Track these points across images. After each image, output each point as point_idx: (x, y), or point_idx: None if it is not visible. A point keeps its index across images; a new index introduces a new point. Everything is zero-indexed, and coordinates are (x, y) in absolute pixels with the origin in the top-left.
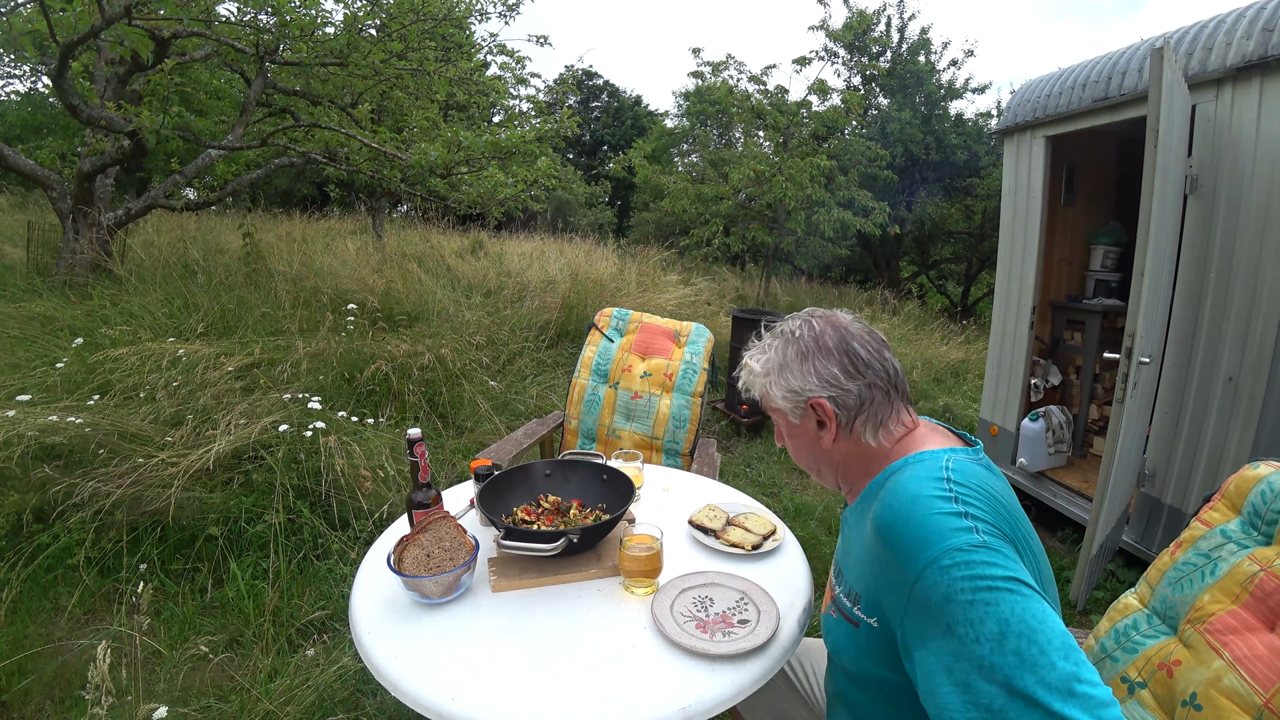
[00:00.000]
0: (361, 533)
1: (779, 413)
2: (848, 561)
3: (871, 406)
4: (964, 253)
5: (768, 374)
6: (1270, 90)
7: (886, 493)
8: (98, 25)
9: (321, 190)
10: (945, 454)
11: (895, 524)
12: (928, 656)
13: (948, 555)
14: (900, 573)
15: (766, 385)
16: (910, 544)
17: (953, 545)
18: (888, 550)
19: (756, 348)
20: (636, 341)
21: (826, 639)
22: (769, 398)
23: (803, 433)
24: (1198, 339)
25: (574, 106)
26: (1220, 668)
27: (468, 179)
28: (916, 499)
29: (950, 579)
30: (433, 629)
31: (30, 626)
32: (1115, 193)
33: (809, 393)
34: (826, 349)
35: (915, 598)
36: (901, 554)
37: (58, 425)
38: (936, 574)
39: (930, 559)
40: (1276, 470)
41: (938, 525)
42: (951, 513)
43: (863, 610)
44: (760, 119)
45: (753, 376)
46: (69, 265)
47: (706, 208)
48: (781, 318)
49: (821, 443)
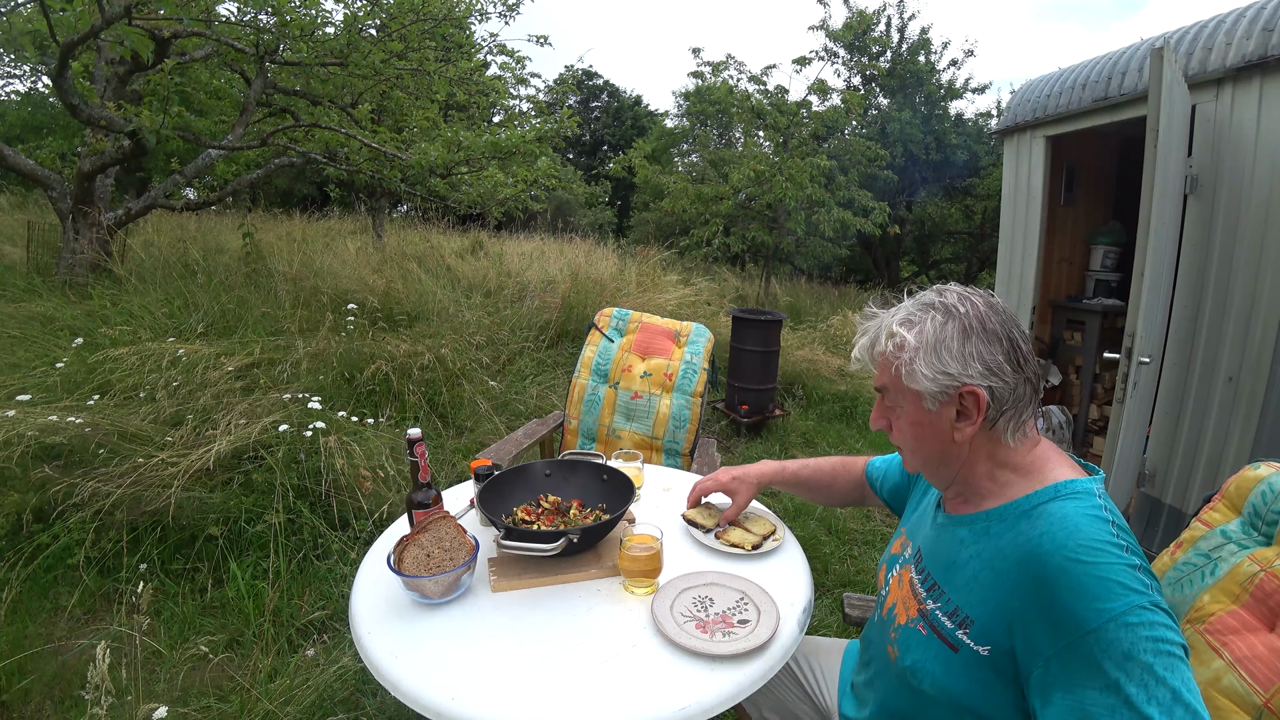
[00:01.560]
0: (361, 533)
1: (911, 395)
2: (953, 579)
3: (1020, 404)
4: (964, 253)
5: (919, 349)
6: (1270, 90)
7: (1050, 525)
8: (98, 25)
9: (321, 190)
10: (1094, 486)
11: (1069, 567)
12: (1071, 703)
13: (1134, 613)
14: (1068, 616)
15: (911, 360)
16: (1091, 591)
17: (1138, 603)
18: (1049, 589)
19: (900, 312)
20: (636, 341)
21: (904, 655)
22: (906, 374)
23: (934, 421)
24: (1198, 339)
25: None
26: (1220, 668)
27: (468, 179)
28: (1095, 544)
29: (1136, 637)
30: (433, 629)
31: (30, 626)
32: (1115, 193)
33: (965, 379)
34: (993, 333)
35: (1083, 646)
36: (1076, 599)
37: (58, 425)
38: (1121, 629)
39: (1117, 613)
40: (1277, 471)
41: (1120, 577)
42: (1130, 565)
43: (971, 636)
44: (760, 119)
45: (896, 346)
46: (69, 265)
47: (706, 208)
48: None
49: (955, 435)
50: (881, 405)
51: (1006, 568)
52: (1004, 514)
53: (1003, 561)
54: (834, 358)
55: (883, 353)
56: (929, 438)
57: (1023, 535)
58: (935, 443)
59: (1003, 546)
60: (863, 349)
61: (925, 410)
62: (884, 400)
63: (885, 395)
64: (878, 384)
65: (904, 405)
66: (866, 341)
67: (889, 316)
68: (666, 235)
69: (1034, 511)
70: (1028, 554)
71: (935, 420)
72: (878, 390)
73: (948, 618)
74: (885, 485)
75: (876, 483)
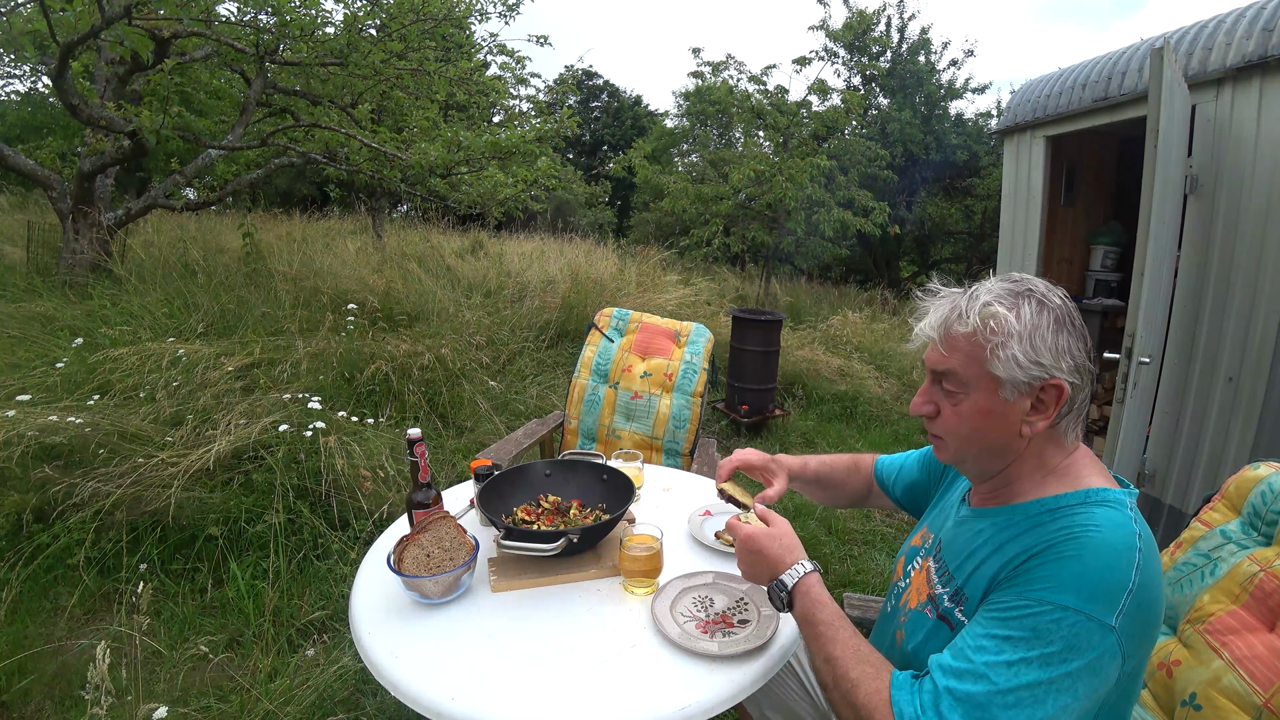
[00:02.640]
0: (361, 533)
1: (989, 380)
2: (963, 566)
3: (1085, 405)
4: (964, 253)
5: (1017, 334)
6: (1270, 90)
7: (1071, 522)
8: (98, 25)
9: (321, 190)
10: (1127, 498)
11: (1073, 552)
12: (965, 634)
13: (1080, 622)
14: (1033, 578)
15: (1004, 344)
16: (1073, 578)
17: (1099, 620)
18: (1038, 559)
19: (986, 293)
20: (636, 341)
21: (909, 638)
22: (997, 359)
23: (1005, 412)
24: (1198, 339)
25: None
26: (1220, 668)
27: (468, 179)
28: (1111, 549)
29: (1062, 627)
30: (433, 629)
31: (30, 626)
32: (1115, 193)
33: (1054, 372)
34: (1080, 330)
35: (1020, 604)
36: (1055, 573)
37: (58, 425)
38: (1061, 617)
39: (1072, 607)
40: (1276, 471)
41: (1108, 589)
42: (1123, 588)
43: (965, 612)
44: (760, 119)
45: (991, 328)
46: (69, 265)
47: (706, 208)
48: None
49: (1024, 429)
50: (934, 389)
51: (1012, 550)
52: (1029, 510)
53: (1012, 546)
54: (834, 358)
55: (967, 333)
56: (993, 428)
57: (1041, 528)
58: (998, 434)
59: (1017, 534)
60: (934, 325)
61: (999, 399)
62: (943, 383)
63: (948, 378)
64: (941, 365)
65: (972, 391)
66: (939, 317)
67: (971, 296)
68: (666, 235)
69: (1060, 511)
70: (1041, 539)
71: (1007, 411)
72: (936, 372)
73: (949, 599)
74: (899, 484)
75: (888, 482)
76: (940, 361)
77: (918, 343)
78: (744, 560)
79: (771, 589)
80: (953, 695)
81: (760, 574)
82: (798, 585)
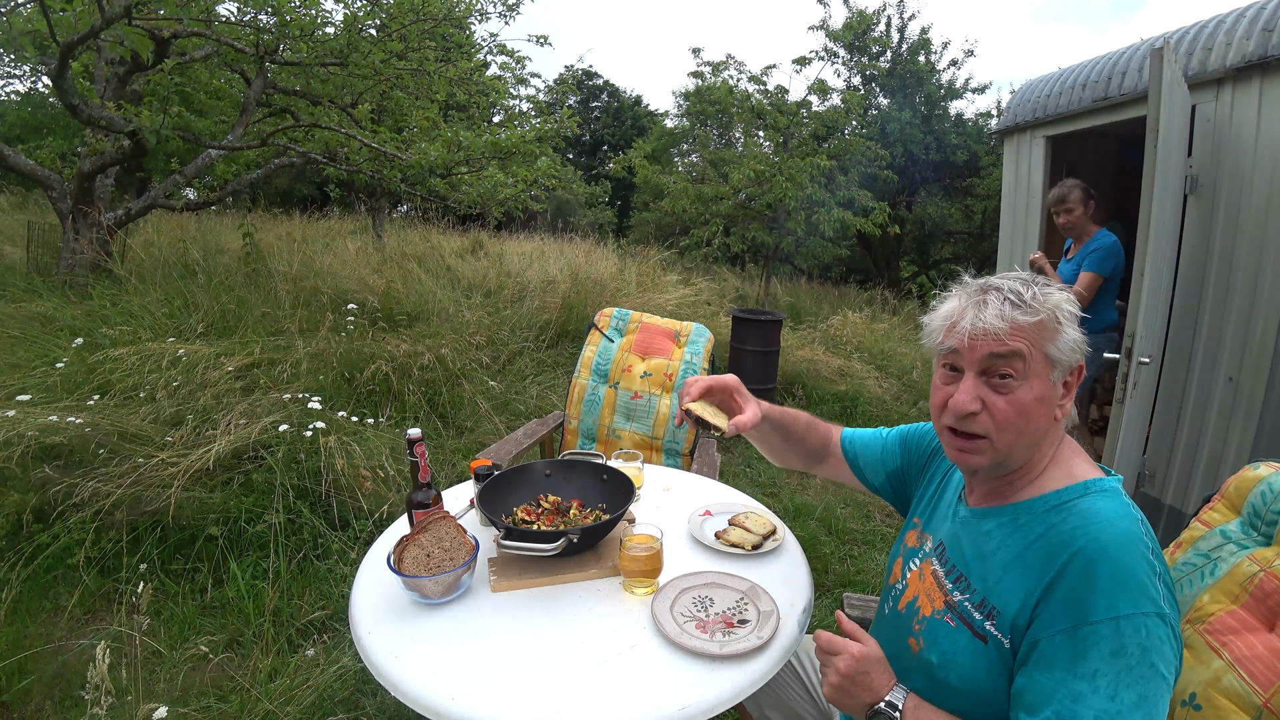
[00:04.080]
0: (361, 533)
1: (1047, 363)
2: (981, 571)
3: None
4: (964, 253)
5: (1072, 315)
6: (1270, 90)
7: (1083, 520)
8: (98, 25)
9: (321, 190)
10: (1119, 485)
11: (1099, 559)
12: (1046, 682)
13: (1142, 621)
14: (1080, 603)
15: (1064, 324)
16: (1111, 585)
17: (1150, 611)
18: (1072, 579)
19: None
20: (636, 341)
21: (930, 647)
22: (1057, 341)
23: (1051, 396)
24: (1198, 339)
25: (574, 106)
26: (1220, 668)
27: (468, 179)
28: (1128, 541)
29: (1130, 640)
30: (433, 629)
31: (30, 626)
32: (1115, 193)
33: (1085, 352)
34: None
35: (1083, 634)
36: (1094, 590)
37: (58, 425)
38: (1123, 627)
39: (1126, 613)
40: (1276, 471)
41: (1141, 582)
42: (1153, 573)
43: (998, 627)
44: (760, 119)
45: (1052, 309)
46: (69, 265)
47: (706, 208)
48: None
49: (1058, 413)
50: (980, 383)
51: (1036, 560)
52: (1032, 507)
53: (1033, 554)
54: (834, 358)
55: (1035, 319)
56: (1042, 414)
57: (1054, 529)
58: (1044, 419)
59: (1032, 539)
60: (997, 314)
61: (1049, 383)
62: (999, 373)
63: (1009, 362)
64: (1004, 350)
65: (1030, 377)
66: (999, 307)
67: (1023, 283)
68: (666, 235)
69: (1065, 506)
70: (1059, 544)
71: (1051, 395)
72: (998, 357)
73: (976, 609)
74: (879, 469)
75: (860, 462)
76: (1002, 346)
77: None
78: (846, 680)
79: (878, 712)
80: None
81: (858, 696)
82: (906, 704)
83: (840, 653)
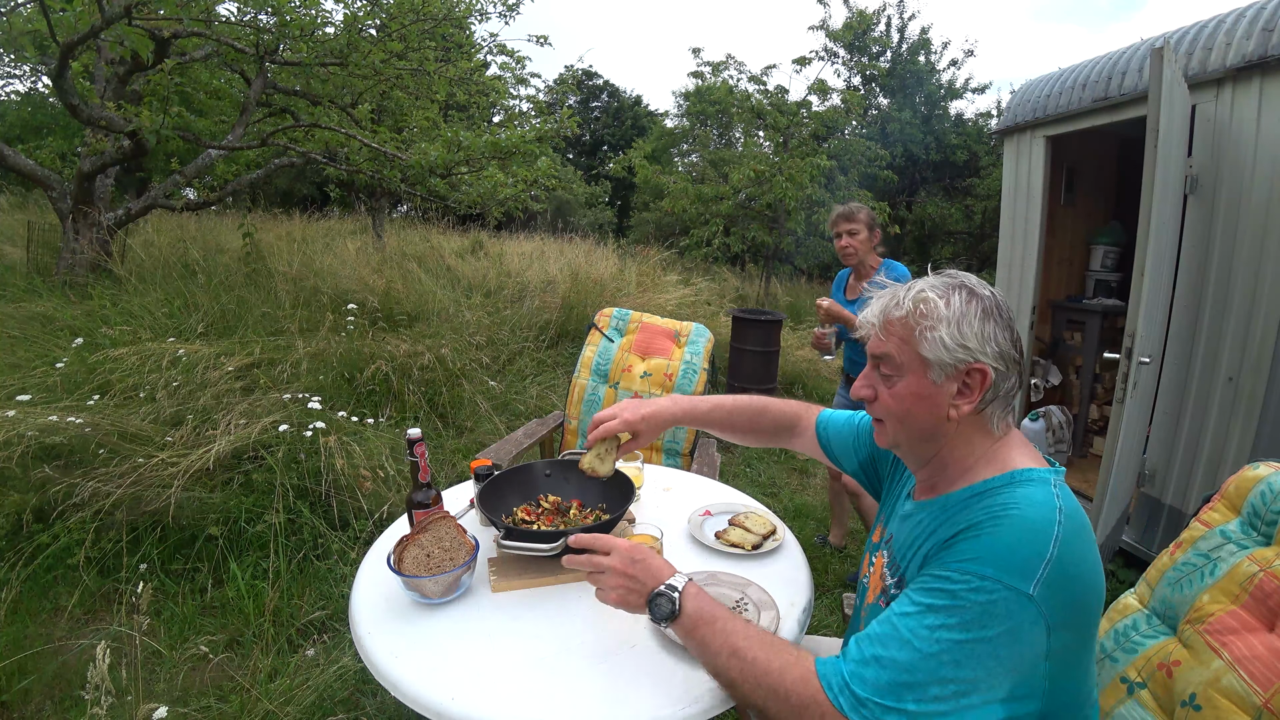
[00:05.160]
0: (361, 533)
1: (919, 363)
2: (909, 555)
3: (1010, 394)
4: (964, 253)
5: (946, 318)
6: (1270, 90)
7: (1000, 504)
8: (98, 25)
9: (321, 190)
10: (1051, 476)
11: (988, 529)
12: (900, 599)
13: (996, 587)
14: (952, 555)
15: (934, 327)
16: (987, 551)
17: (1010, 585)
18: (960, 541)
19: (922, 283)
20: (636, 341)
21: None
22: (925, 341)
23: (935, 395)
24: (1198, 339)
25: (574, 106)
26: (1219, 668)
27: (468, 179)
28: (1028, 524)
29: (974, 597)
30: (433, 629)
31: (30, 626)
32: (1115, 193)
33: (980, 356)
34: (1006, 322)
35: (939, 574)
36: (972, 549)
37: (58, 425)
38: (975, 584)
39: (986, 574)
40: (1276, 471)
41: (1022, 560)
42: (1042, 561)
43: None
44: (760, 119)
45: (922, 312)
46: (69, 265)
47: (706, 208)
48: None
49: (951, 412)
50: (874, 373)
51: (945, 532)
52: (960, 496)
53: (945, 529)
54: (834, 358)
55: (901, 317)
56: (924, 411)
57: (970, 512)
58: (928, 416)
59: (950, 519)
60: (875, 313)
61: (929, 381)
62: (881, 367)
63: (885, 362)
64: (878, 350)
65: (906, 374)
66: (880, 306)
67: (909, 287)
68: (666, 235)
69: (988, 493)
70: (967, 520)
71: (936, 394)
72: (875, 357)
73: (895, 588)
74: (854, 456)
75: (832, 446)
76: (878, 346)
77: (861, 332)
78: (625, 571)
79: (656, 597)
80: (879, 661)
81: (642, 585)
82: (687, 587)
83: (611, 550)
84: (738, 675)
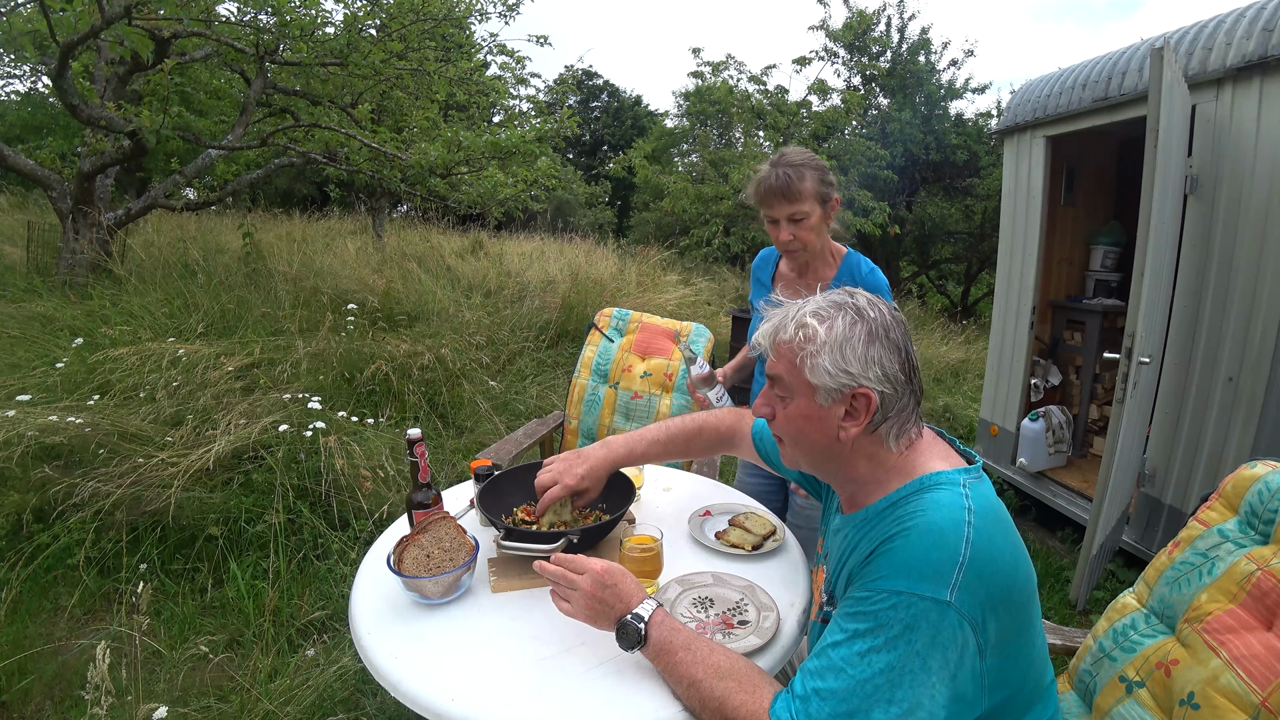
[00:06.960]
0: (361, 533)
1: (806, 387)
2: (838, 570)
3: (904, 414)
4: (964, 253)
5: (827, 344)
6: (1270, 90)
7: (908, 512)
8: (98, 25)
9: (321, 190)
10: (959, 476)
11: (900, 543)
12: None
13: (915, 601)
14: (871, 576)
15: (816, 353)
16: (901, 565)
17: (927, 595)
18: (876, 559)
19: (811, 305)
20: (636, 341)
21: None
22: (808, 367)
23: (823, 417)
24: (1198, 339)
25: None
26: (1218, 667)
27: (468, 179)
28: (936, 529)
29: (897, 614)
30: (433, 629)
31: (30, 626)
32: (1115, 193)
33: (863, 381)
34: (894, 343)
35: (861, 598)
36: (888, 566)
37: (58, 425)
38: (894, 600)
39: (902, 590)
40: (1274, 469)
41: (934, 568)
42: (956, 563)
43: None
44: (760, 119)
45: (805, 337)
46: (69, 265)
47: (706, 208)
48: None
49: (840, 434)
50: (770, 393)
51: (865, 548)
52: (876, 508)
53: (865, 545)
54: None
55: (787, 341)
56: (814, 432)
57: (884, 524)
58: (820, 438)
59: (868, 533)
60: (765, 334)
61: (816, 405)
62: (774, 388)
63: (777, 384)
64: (771, 372)
65: (795, 397)
66: (770, 328)
67: (798, 308)
68: (666, 235)
69: (900, 503)
70: (881, 534)
71: (824, 416)
72: (769, 378)
73: (828, 604)
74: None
75: (770, 456)
76: (771, 367)
77: (755, 351)
78: (594, 595)
79: (626, 624)
80: (819, 695)
81: (610, 610)
82: (654, 616)
83: (585, 571)
84: (696, 706)
